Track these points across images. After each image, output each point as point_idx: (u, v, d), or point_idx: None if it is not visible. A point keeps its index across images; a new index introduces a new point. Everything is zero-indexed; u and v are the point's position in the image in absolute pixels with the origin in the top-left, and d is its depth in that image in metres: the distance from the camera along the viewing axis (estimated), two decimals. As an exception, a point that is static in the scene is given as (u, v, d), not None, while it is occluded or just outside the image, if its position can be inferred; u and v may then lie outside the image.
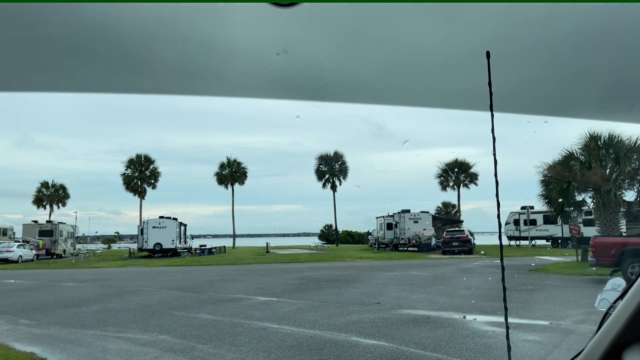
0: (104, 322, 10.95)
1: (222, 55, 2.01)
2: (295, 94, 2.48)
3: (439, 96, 2.54)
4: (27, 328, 10.60)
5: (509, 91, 2.30)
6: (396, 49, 2.02)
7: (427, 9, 1.75)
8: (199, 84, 2.31)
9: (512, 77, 2.24)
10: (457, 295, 14.15)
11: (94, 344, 8.89)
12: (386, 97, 2.52)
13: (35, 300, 15.03)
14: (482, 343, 8.27)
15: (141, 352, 8.23)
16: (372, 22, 1.81)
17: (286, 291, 15.98)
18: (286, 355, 7.71)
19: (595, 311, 7.85)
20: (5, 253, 35.55)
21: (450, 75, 2.26)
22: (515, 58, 2.09)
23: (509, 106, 2.46)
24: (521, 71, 2.20)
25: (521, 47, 2.00)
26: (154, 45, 1.92)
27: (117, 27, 1.77)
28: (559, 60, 2.08)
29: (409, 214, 41.90)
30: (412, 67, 2.19)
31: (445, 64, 2.16)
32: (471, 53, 1.96)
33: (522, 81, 2.30)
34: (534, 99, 2.49)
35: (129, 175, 53.46)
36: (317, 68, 2.16)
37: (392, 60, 2.12)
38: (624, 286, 1.85)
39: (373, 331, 9.37)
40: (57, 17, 1.68)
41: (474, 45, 1.93)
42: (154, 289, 17.42)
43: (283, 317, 11.12)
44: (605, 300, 1.89)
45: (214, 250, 43.27)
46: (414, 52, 2.06)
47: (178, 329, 9.98)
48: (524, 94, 2.45)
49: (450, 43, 1.97)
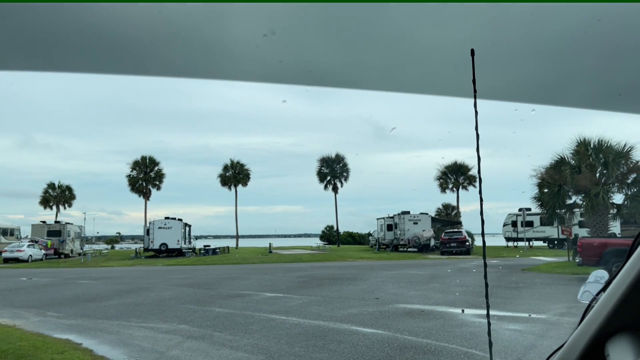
0: (126, 314, 11.97)
1: (212, 38, 1.99)
2: (284, 78, 2.43)
3: (428, 83, 2.52)
4: (56, 319, 11.63)
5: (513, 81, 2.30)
6: (386, 33, 2.00)
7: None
8: (186, 65, 2.30)
9: (504, 68, 2.23)
10: (451, 292, 15.16)
11: (122, 332, 9.92)
12: (376, 82, 2.52)
13: (56, 295, 16.07)
14: (468, 332, 9.29)
15: (165, 338, 9.26)
16: (363, 6, 1.79)
17: (291, 288, 17.00)
18: (294, 341, 8.73)
19: (574, 305, 9.47)
20: (16, 252, 36.61)
21: (444, 68, 2.24)
22: (509, 50, 2.09)
23: (500, 95, 2.49)
24: (513, 60, 2.20)
25: (512, 38, 1.99)
26: (139, 24, 1.89)
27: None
28: (550, 49, 2.06)
29: (409, 216, 42.90)
30: (403, 53, 2.17)
31: (436, 55, 2.14)
32: (460, 47, 1.93)
33: (512, 71, 2.29)
34: (524, 88, 2.48)
35: (134, 177, 54.53)
36: (305, 51, 2.13)
37: (382, 45, 2.10)
38: (607, 278, 1.86)
39: (371, 322, 10.39)
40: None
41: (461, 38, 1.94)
42: (165, 286, 18.44)
43: (289, 310, 12.14)
44: (588, 293, 1.87)
45: (218, 250, 44.27)
46: (404, 38, 2.05)
47: (195, 320, 11.00)
48: (513, 83, 2.43)
49: (444, 32, 1.96)
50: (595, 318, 1.22)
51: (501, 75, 2.33)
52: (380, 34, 1.98)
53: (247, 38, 1.96)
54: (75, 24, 1.82)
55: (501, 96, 2.51)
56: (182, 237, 42.01)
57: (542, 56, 2.13)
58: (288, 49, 2.10)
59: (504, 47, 2.06)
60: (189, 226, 44.53)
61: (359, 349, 8.13)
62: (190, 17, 1.86)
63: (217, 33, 1.98)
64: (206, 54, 2.16)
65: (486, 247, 10.37)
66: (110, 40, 1.96)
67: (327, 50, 2.13)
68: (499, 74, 2.30)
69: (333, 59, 2.20)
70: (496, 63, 2.18)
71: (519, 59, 2.18)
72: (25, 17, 1.71)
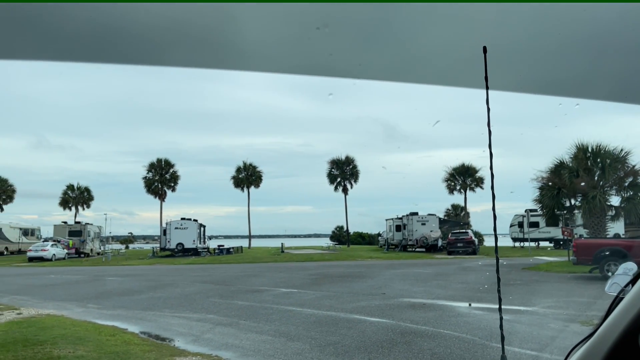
0: (158, 306, 13.41)
1: (257, 29, 1.96)
2: (332, 71, 2.39)
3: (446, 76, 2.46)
4: (97, 310, 13.09)
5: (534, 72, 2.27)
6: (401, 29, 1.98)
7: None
8: (233, 57, 2.26)
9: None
10: (452, 288, 16.43)
11: (158, 320, 11.35)
12: (415, 76, 2.47)
13: (91, 290, 17.59)
14: (462, 321, 10.59)
15: (197, 325, 10.67)
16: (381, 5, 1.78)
17: (305, 284, 18.38)
18: (310, 327, 10.09)
19: (561, 299, 11.43)
20: (41, 252, 38.42)
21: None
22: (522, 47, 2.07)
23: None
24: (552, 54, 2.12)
25: (525, 36, 1.97)
26: (183, 17, 1.86)
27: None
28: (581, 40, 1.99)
29: (417, 217, 44.13)
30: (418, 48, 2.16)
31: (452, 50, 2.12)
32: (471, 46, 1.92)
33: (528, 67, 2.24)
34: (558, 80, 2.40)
35: (150, 179, 56.29)
36: (355, 44, 2.11)
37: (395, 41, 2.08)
38: (636, 270, 1.87)
39: (378, 313, 11.72)
40: None
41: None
42: (188, 282, 19.90)
43: (304, 303, 13.50)
44: (616, 285, 1.85)
45: (232, 250, 45.80)
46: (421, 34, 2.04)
47: (220, 311, 12.40)
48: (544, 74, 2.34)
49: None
50: (626, 310, 1.22)
51: (512, 72, 2.32)
52: (395, 31, 1.98)
53: (298, 31, 1.95)
54: (91, 21, 1.81)
55: (513, 88, 2.48)
56: (198, 237, 43.60)
57: (557, 53, 2.08)
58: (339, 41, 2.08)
59: (516, 45, 2.05)
60: (203, 226, 46.13)
61: (366, 333, 9.47)
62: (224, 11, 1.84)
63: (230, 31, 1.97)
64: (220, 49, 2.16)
65: (489, 248, 12.31)
66: (134, 34, 1.95)
67: (348, 48, 2.14)
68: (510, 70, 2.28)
69: (353, 55, 2.21)
70: (509, 60, 2.17)
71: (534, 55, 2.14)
72: (38, 12, 1.72)
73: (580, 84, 2.44)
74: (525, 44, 2.04)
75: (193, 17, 1.86)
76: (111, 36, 1.94)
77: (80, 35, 1.92)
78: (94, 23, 1.84)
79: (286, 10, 1.80)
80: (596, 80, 2.38)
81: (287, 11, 1.81)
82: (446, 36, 2.00)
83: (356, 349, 8.21)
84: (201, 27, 1.94)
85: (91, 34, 1.92)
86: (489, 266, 26.14)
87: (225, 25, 1.93)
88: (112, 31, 1.91)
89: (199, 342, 9.04)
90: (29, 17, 1.77)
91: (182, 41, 2.05)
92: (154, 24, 1.90)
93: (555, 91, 2.49)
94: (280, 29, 1.96)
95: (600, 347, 1.24)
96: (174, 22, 1.89)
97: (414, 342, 8.69)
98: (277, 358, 7.81)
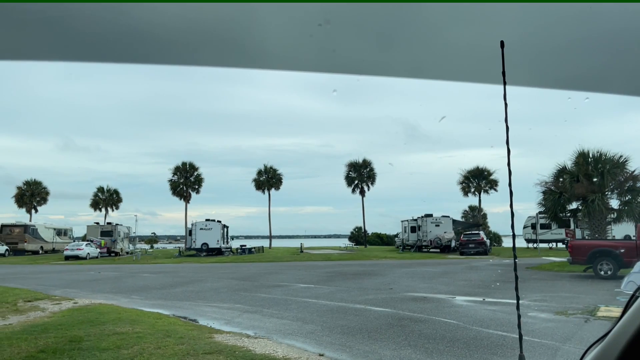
0: (192, 298, 15.42)
1: (261, 26, 1.95)
2: (335, 67, 2.37)
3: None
4: (141, 300, 15.16)
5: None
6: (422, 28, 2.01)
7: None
8: (235, 55, 2.29)
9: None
10: (454, 285, 18.11)
11: (195, 309, 13.34)
12: (423, 72, 2.49)
13: (131, 284, 19.76)
14: (454, 310, 12.33)
15: (227, 312, 12.62)
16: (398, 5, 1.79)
17: (320, 281, 20.25)
18: (323, 314, 11.94)
19: (550, 295, 14.05)
20: (76, 251, 41.22)
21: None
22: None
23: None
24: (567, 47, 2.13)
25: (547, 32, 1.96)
26: (189, 16, 1.87)
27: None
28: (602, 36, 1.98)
29: (431, 218, 45.67)
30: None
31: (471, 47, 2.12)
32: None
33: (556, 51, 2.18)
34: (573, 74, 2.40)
35: (176, 181, 58.84)
36: (359, 41, 2.12)
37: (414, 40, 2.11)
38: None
39: (382, 304, 13.51)
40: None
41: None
42: (215, 279, 21.96)
43: (320, 296, 15.37)
44: (632, 283, 2.48)
45: (254, 250, 47.97)
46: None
47: (246, 302, 14.35)
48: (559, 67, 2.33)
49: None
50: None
51: (531, 68, 2.31)
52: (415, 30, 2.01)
53: (300, 28, 1.95)
54: (116, 23, 1.85)
55: (531, 82, 2.47)
56: (221, 237, 45.89)
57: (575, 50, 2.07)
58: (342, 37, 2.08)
59: (536, 40, 2.03)
60: (226, 227, 48.43)
61: (369, 318, 11.30)
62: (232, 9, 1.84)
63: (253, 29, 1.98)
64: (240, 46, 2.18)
65: (504, 249, 14.71)
66: (155, 33, 1.97)
67: (363, 45, 2.18)
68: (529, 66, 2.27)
69: (370, 52, 2.25)
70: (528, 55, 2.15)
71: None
72: (64, 14, 1.77)
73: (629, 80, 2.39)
74: (546, 40, 2.06)
75: (209, 17, 1.89)
76: (135, 37, 1.99)
77: (105, 36, 1.96)
78: (118, 25, 1.88)
79: (302, 9, 1.84)
80: None
81: (303, 10, 1.85)
82: (465, 33, 2.04)
83: (359, 330, 10.05)
84: (220, 26, 1.96)
85: (116, 35, 1.96)
86: (496, 266, 27.66)
87: (246, 24, 1.95)
88: (136, 32, 1.95)
89: (230, 324, 10.97)
90: (56, 19, 1.81)
91: (197, 40, 2.08)
92: (171, 24, 1.94)
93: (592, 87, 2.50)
94: (298, 27, 1.98)
95: (616, 346, 1.22)
96: (183, 21, 1.92)
97: (407, 325, 10.48)
98: (294, 335, 9.69)
